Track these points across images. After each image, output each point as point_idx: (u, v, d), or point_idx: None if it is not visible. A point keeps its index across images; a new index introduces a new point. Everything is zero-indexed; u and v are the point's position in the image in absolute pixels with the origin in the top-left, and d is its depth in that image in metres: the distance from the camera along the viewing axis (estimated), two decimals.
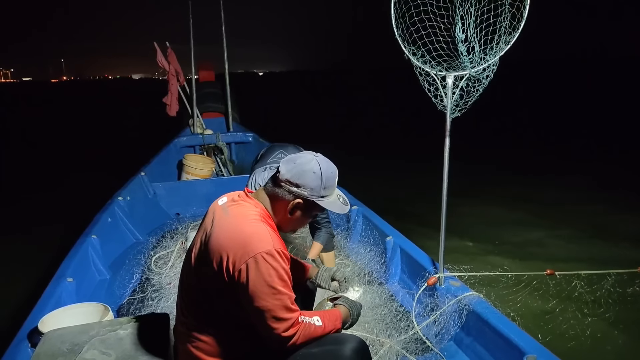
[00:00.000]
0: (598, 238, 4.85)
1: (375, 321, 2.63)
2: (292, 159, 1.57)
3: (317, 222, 3.05)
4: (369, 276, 3.20)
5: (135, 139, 12.44)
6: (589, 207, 5.83)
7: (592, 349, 2.95)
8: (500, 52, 2.18)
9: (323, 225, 3.05)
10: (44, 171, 9.42)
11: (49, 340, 1.77)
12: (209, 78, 7.63)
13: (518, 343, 1.99)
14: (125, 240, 3.91)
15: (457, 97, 2.31)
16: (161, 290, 3.09)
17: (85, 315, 2.31)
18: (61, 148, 12.61)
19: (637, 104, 17.27)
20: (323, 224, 3.06)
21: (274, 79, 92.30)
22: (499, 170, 7.99)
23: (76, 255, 3.04)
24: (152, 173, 5.12)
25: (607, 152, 9.41)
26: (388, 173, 8.09)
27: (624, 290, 3.36)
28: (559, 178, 7.33)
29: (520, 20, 2.08)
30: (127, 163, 6.01)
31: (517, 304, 3.02)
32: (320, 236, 3.03)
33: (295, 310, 1.48)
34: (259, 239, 1.43)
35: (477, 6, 2.17)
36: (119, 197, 4.11)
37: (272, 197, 1.58)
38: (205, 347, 1.53)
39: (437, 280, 2.56)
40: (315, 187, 1.54)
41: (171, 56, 6.52)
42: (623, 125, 12.80)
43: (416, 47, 2.31)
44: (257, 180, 2.85)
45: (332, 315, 1.64)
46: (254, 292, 1.40)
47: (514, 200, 6.23)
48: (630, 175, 7.32)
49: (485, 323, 2.21)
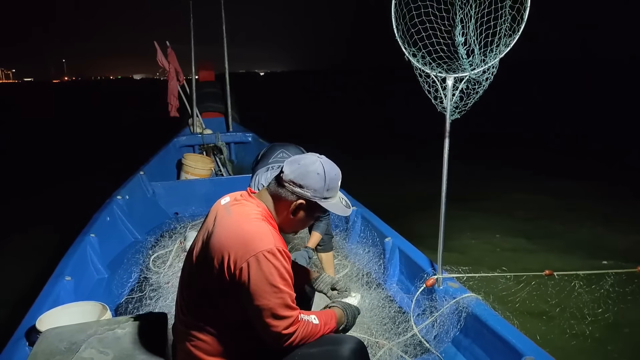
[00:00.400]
0: (598, 238, 4.85)
1: (374, 322, 2.63)
2: (296, 160, 1.58)
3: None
4: (367, 277, 3.20)
5: (135, 139, 12.43)
6: (589, 207, 5.83)
7: (592, 350, 2.96)
8: (500, 55, 2.19)
9: (324, 217, 3.01)
10: (43, 170, 9.42)
11: (47, 339, 1.76)
12: (208, 78, 7.64)
13: (516, 345, 1.99)
14: (124, 240, 3.91)
15: (457, 98, 2.32)
16: (159, 289, 3.09)
17: (83, 314, 2.31)
18: (61, 147, 12.61)
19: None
20: (324, 217, 3.01)
21: (275, 79, 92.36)
22: (499, 170, 8.00)
23: (74, 253, 3.04)
24: (151, 172, 5.12)
25: (609, 152, 9.40)
26: (387, 174, 8.09)
27: (623, 290, 3.37)
28: (560, 178, 7.32)
29: (520, 23, 2.09)
30: (126, 162, 6.02)
31: (516, 305, 3.03)
32: (319, 226, 2.98)
33: (295, 308, 1.49)
34: (260, 238, 1.44)
35: (478, 9, 2.17)
36: (118, 196, 4.11)
37: (275, 197, 1.58)
38: (205, 346, 1.54)
39: (436, 282, 2.56)
40: (319, 188, 1.55)
41: (171, 56, 6.53)
42: (625, 125, 12.82)
43: (416, 48, 2.31)
44: (260, 181, 2.85)
45: (326, 314, 1.65)
46: (255, 291, 1.41)
47: (513, 200, 6.24)
48: (631, 175, 7.32)
49: (483, 325, 2.21)
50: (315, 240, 2.97)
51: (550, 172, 7.81)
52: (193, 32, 7.12)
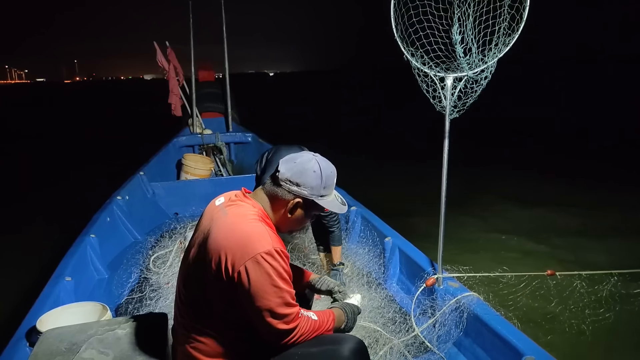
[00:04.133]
0: (600, 238, 4.83)
1: (374, 322, 2.62)
2: (291, 159, 1.58)
3: (328, 225, 3.03)
4: (367, 277, 3.20)
5: (134, 139, 12.42)
6: (592, 207, 5.81)
7: (593, 350, 2.95)
8: (499, 54, 2.18)
9: (334, 227, 3.05)
10: (43, 170, 9.42)
11: (47, 339, 1.77)
12: (208, 78, 7.63)
13: (516, 344, 1.99)
14: (124, 240, 3.91)
15: (455, 98, 2.32)
16: (159, 290, 3.09)
17: (83, 314, 2.31)
18: (61, 147, 12.60)
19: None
20: (335, 225, 3.04)
21: (284, 80, 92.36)
22: (499, 170, 7.99)
23: (75, 254, 3.04)
24: (151, 173, 5.12)
25: (611, 153, 9.40)
26: (387, 174, 8.09)
27: (627, 292, 3.35)
28: (561, 178, 7.32)
29: (519, 22, 2.09)
30: (126, 162, 6.01)
31: (517, 305, 3.00)
32: (335, 239, 3.06)
33: (295, 305, 1.49)
34: (258, 239, 1.43)
35: (476, 7, 2.17)
36: (118, 197, 4.11)
37: (272, 197, 1.58)
38: (204, 348, 1.53)
39: (436, 281, 2.56)
40: (316, 186, 1.54)
41: (171, 55, 6.53)
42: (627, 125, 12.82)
43: (414, 48, 2.31)
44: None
45: (326, 313, 1.65)
46: (256, 292, 1.41)
47: (514, 200, 6.22)
48: (633, 176, 7.32)
49: (484, 324, 2.21)
50: (338, 255, 3.06)
51: (551, 172, 7.80)
52: (193, 32, 7.12)
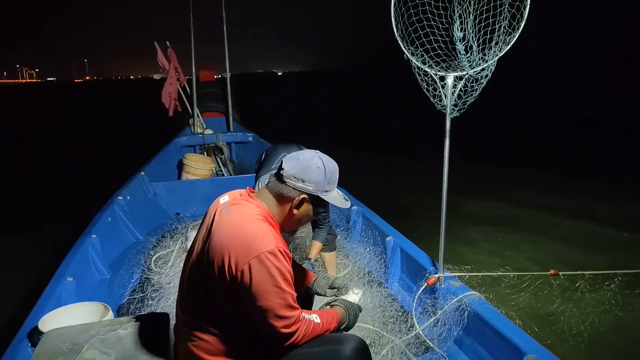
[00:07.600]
0: (605, 237, 4.82)
1: (376, 321, 2.63)
2: (294, 157, 1.60)
3: (318, 222, 3.05)
4: (368, 276, 3.19)
5: (135, 139, 12.43)
6: (596, 207, 5.78)
7: (595, 350, 2.94)
8: (500, 53, 2.18)
9: (323, 225, 3.05)
10: (44, 170, 9.42)
11: (49, 339, 1.77)
12: (209, 78, 7.63)
13: (518, 343, 1.99)
14: (125, 240, 3.92)
15: (456, 97, 2.31)
16: (161, 289, 3.09)
17: (85, 314, 2.31)
18: (62, 147, 12.62)
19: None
20: (324, 223, 3.05)
21: (293, 79, 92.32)
22: (500, 170, 7.98)
23: (76, 254, 3.04)
24: (152, 173, 5.13)
25: (614, 152, 9.36)
26: (388, 173, 8.09)
27: (631, 292, 3.34)
28: (562, 178, 7.30)
29: (520, 21, 2.08)
30: (127, 162, 6.02)
31: (519, 305, 3.00)
32: (320, 235, 3.03)
33: (296, 308, 1.50)
34: (261, 239, 1.44)
35: (477, 5, 2.17)
36: (119, 197, 4.11)
37: (277, 195, 1.59)
38: (206, 346, 1.54)
39: (437, 281, 2.56)
40: (320, 181, 1.56)
41: (171, 55, 6.54)
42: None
43: (414, 47, 2.31)
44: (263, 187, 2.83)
45: (328, 313, 1.66)
46: (258, 292, 1.41)
47: (516, 199, 6.21)
48: (635, 176, 7.31)
49: (486, 323, 2.21)
50: (316, 251, 3.02)
51: (553, 172, 7.78)
52: (193, 32, 7.13)
